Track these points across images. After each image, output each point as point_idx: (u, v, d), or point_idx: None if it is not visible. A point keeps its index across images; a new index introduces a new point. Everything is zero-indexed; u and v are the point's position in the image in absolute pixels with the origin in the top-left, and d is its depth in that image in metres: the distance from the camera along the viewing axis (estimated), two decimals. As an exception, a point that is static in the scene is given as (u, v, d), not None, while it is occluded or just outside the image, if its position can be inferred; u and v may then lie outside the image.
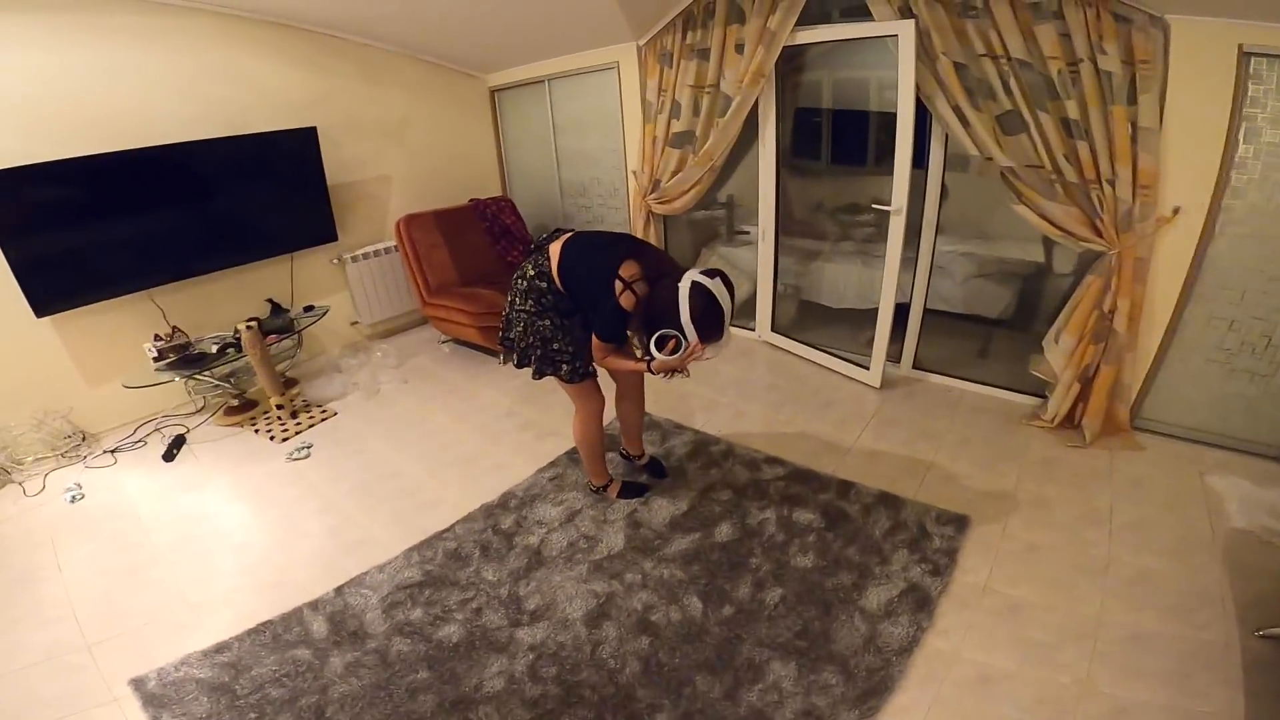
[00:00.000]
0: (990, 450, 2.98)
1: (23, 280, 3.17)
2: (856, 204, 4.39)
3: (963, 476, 2.78)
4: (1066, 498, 2.64)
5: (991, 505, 2.60)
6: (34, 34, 3.15)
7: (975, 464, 2.88)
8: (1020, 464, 2.87)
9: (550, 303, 2.31)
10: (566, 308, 2.33)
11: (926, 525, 2.48)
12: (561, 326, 2.33)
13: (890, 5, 2.91)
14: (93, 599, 2.43)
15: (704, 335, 2.04)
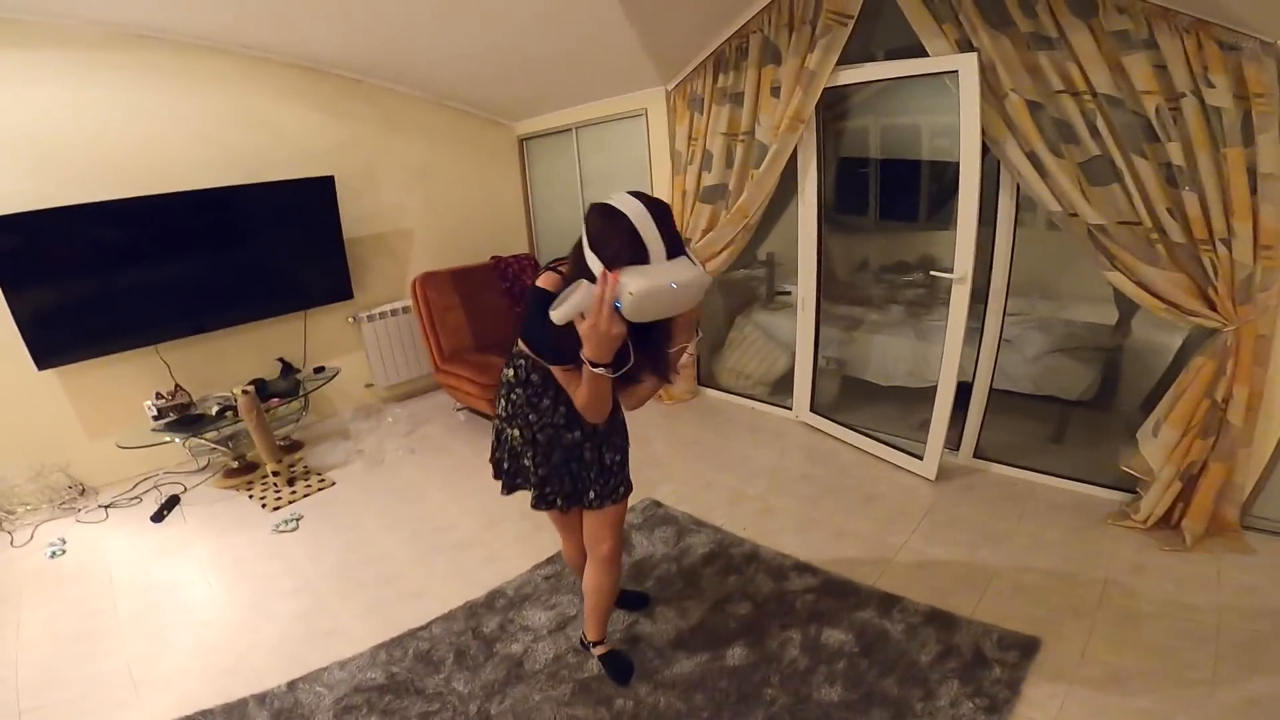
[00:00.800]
0: (1067, 555, 2.53)
1: (26, 331, 3.12)
2: (905, 262, 3.97)
3: (1033, 588, 2.36)
4: (1162, 612, 2.21)
5: (1068, 623, 2.18)
6: (51, 70, 3.17)
7: (1049, 573, 2.45)
8: (1105, 572, 2.42)
9: (520, 400, 1.74)
10: (545, 407, 1.75)
11: (985, 649, 2.07)
12: (533, 441, 1.77)
13: (946, 38, 2.56)
14: (37, 663, 2.33)
15: (611, 258, 1.29)
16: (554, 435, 1.74)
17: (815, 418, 3.68)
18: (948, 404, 2.93)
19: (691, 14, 3.12)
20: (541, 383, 1.69)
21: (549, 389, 1.69)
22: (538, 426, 1.73)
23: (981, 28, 2.44)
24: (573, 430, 1.75)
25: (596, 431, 1.76)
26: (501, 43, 3.45)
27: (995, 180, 2.72)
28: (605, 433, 1.79)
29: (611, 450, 1.82)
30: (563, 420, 1.73)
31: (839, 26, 2.81)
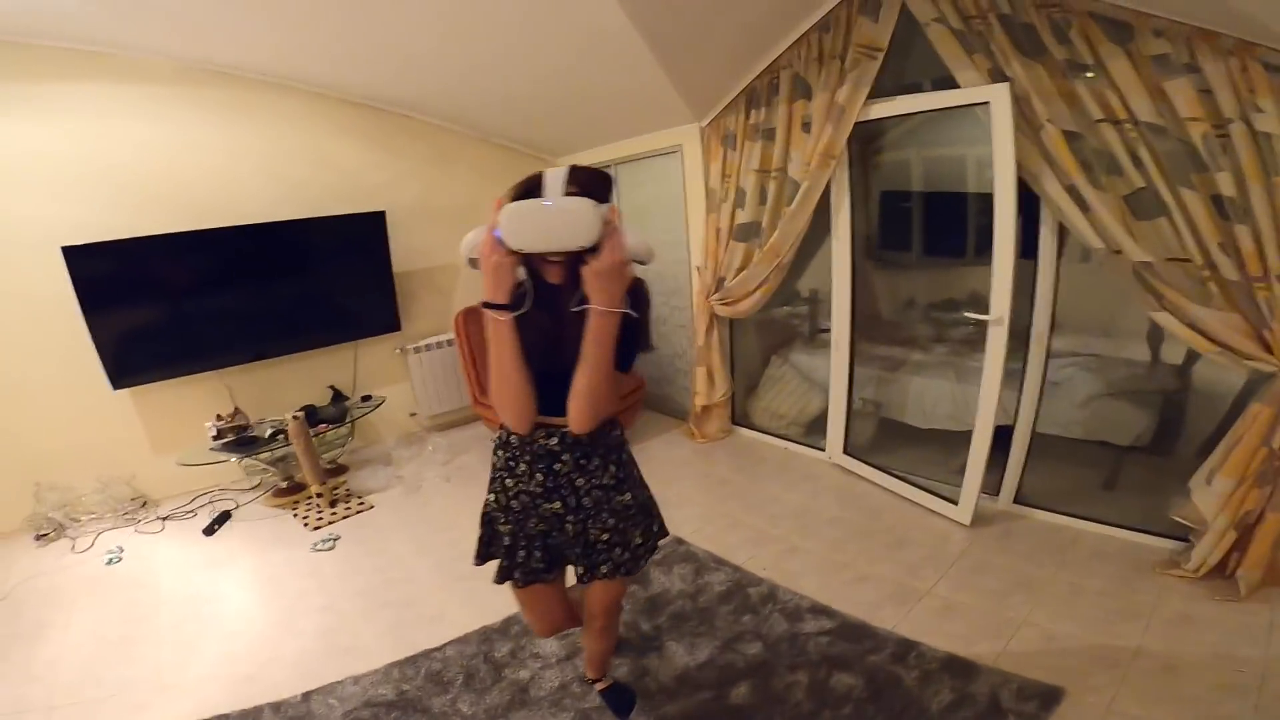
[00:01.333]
0: (1108, 604, 2.36)
1: (104, 353, 3.41)
2: (954, 300, 3.82)
3: (1065, 637, 2.23)
4: (1203, 663, 2.05)
5: (1097, 673, 2.05)
6: (133, 104, 3.49)
7: (1084, 621, 2.29)
8: (1147, 621, 2.26)
9: (499, 463, 1.62)
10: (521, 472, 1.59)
11: (1002, 699, 1.96)
12: (507, 508, 1.63)
13: (977, 69, 2.49)
14: (76, 664, 2.48)
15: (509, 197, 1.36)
16: (530, 503, 1.59)
17: (849, 459, 3.54)
18: (984, 448, 2.77)
19: (721, 52, 3.16)
20: (519, 445, 1.56)
21: (525, 453, 1.56)
22: (513, 492, 1.60)
23: (1014, 57, 2.37)
24: (552, 500, 1.57)
25: (581, 505, 1.57)
26: (541, 83, 3.59)
27: (1036, 212, 2.60)
28: (591, 508, 1.58)
29: (599, 527, 1.59)
30: (539, 489, 1.57)
31: (868, 60, 2.78)
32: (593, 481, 1.57)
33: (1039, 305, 2.67)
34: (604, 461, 1.57)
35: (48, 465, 3.55)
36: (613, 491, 1.58)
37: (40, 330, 3.43)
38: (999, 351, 2.62)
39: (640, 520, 1.65)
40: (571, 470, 1.55)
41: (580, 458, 1.55)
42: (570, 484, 1.56)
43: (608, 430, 1.58)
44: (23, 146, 3.28)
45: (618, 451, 1.61)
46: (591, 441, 1.54)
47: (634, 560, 1.64)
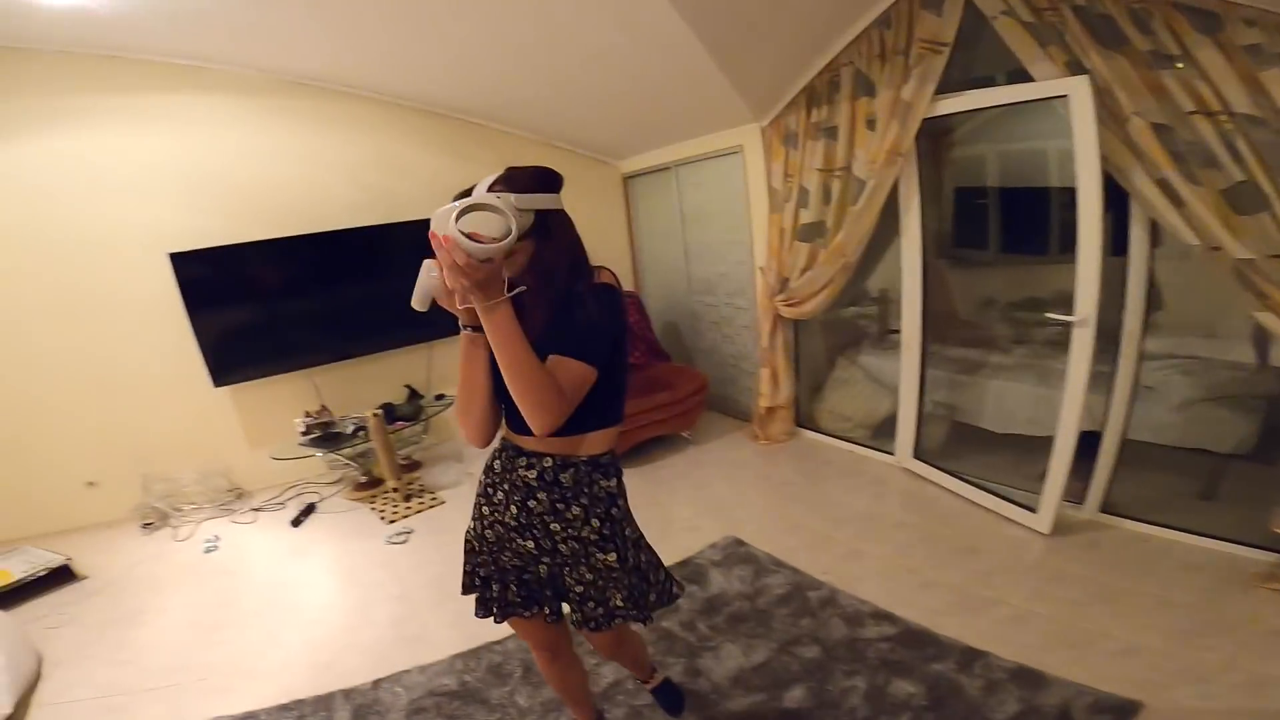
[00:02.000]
0: (1196, 617, 2.22)
1: (206, 353, 3.70)
2: (1037, 298, 3.62)
3: (1148, 650, 2.10)
4: None
5: (1180, 688, 1.93)
6: (230, 115, 3.78)
7: (1170, 634, 2.16)
8: (1238, 636, 2.11)
9: (479, 489, 1.53)
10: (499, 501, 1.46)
11: (1073, 711, 1.87)
12: (481, 536, 1.52)
13: (1053, 62, 2.36)
14: (168, 648, 2.66)
15: None
16: (504, 535, 1.46)
17: (918, 464, 3.42)
18: (1067, 455, 2.62)
19: (778, 51, 3.11)
20: (500, 471, 1.45)
21: (504, 481, 1.44)
22: (488, 521, 1.48)
23: (1092, 48, 2.24)
24: (525, 537, 1.44)
25: (556, 550, 1.43)
26: (601, 89, 3.65)
27: (1126, 208, 2.44)
28: (569, 556, 1.44)
29: (574, 577, 1.45)
30: (514, 522, 1.43)
31: (933, 55, 2.68)
32: (569, 531, 1.41)
33: (1130, 305, 2.51)
34: (585, 514, 1.41)
35: (155, 458, 3.87)
36: (594, 547, 1.42)
37: (150, 330, 3.75)
38: (1084, 354, 2.47)
39: (627, 584, 1.45)
40: (546, 512, 1.40)
41: (558, 501, 1.39)
42: (544, 526, 1.41)
43: (592, 478, 1.41)
44: (131, 156, 3.60)
45: (605, 505, 1.43)
46: (574, 485, 1.39)
47: (607, 619, 1.46)
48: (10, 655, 2.40)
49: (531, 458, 1.40)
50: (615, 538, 1.44)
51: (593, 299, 1.30)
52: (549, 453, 1.39)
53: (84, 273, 3.61)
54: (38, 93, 3.37)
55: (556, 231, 1.34)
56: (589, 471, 1.40)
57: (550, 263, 1.32)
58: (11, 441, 3.61)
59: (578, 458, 1.39)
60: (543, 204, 1.28)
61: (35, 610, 3.00)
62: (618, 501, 1.46)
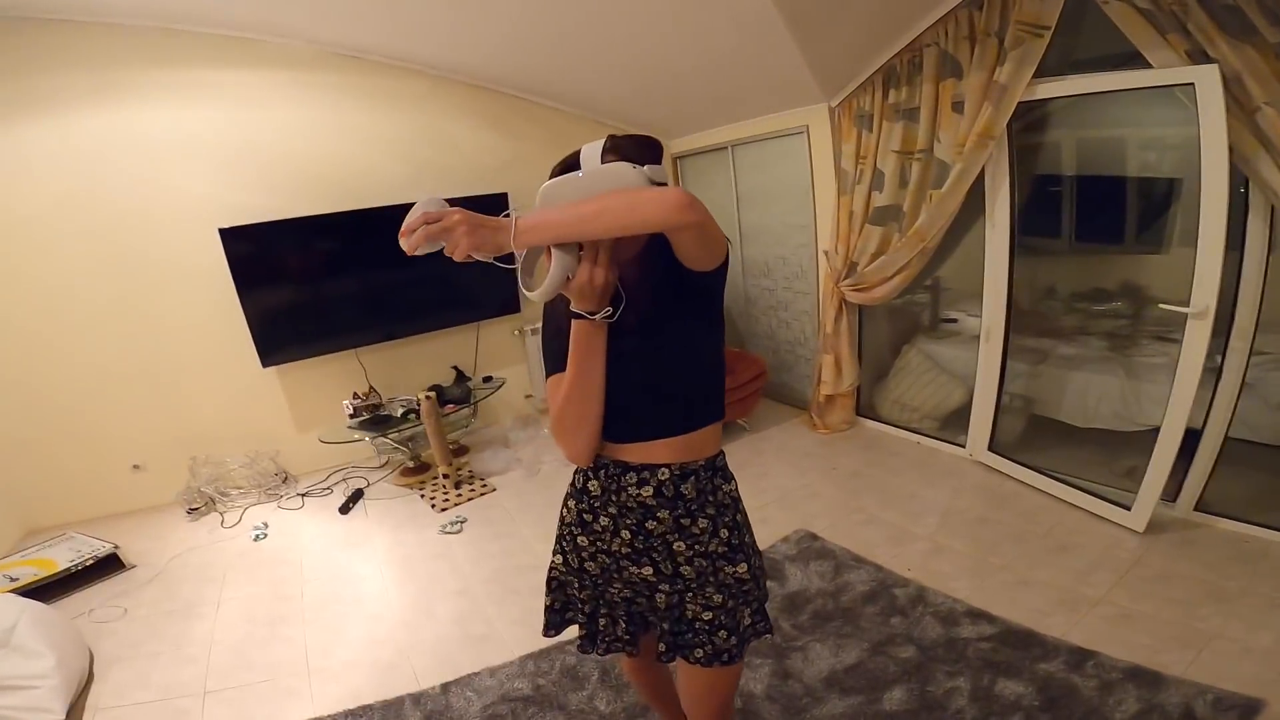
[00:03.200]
0: None
1: (254, 332, 3.61)
2: (1103, 289, 3.53)
3: (1264, 650, 2.03)
4: None
5: None
6: (278, 90, 3.68)
7: None
8: None
9: (570, 517, 1.33)
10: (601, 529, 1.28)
11: (1196, 710, 1.83)
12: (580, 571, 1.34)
13: (1174, 49, 2.24)
14: (230, 645, 2.56)
15: None
16: (612, 565, 1.28)
17: (994, 457, 3.32)
18: (1171, 452, 2.53)
19: (859, 29, 2.98)
20: (602, 495, 1.25)
21: (610, 505, 1.24)
22: (589, 553, 1.29)
23: (1219, 37, 2.12)
24: (641, 564, 1.25)
25: (679, 574, 1.25)
26: (666, 61, 3.52)
27: (1243, 199, 2.33)
28: (694, 579, 1.24)
29: (701, 603, 1.25)
30: (626, 549, 1.25)
31: (1033, 38, 2.56)
32: (696, 548, 1.22)
33: (1243, 299, 2.40)
34: (713, 525, 1.22)
35: (201, 441, 3.79)
36: (723, 561, 1.24)
37: (199, 308, 3.67)
38: (1199, 348, 2.37)
39: (756, 597, 1.29)
40: (670, 530, 1.21)
41: (681, 516, 1.21)
42: (666, 547, 1.23)
43: (714, 483, 1.24)
44: (184, 130, 3.51)
45: (732, 510, 1.26)
46: (697, 496, 1.21)
47: (740, 645, 1.27)
48: (61, 654, 2.27)
49: (643, 472, 1.20)
50: (743, 547, 1.26)
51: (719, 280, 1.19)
52: (663, 462, 1.19)
53: (134, 249, 3.51)
54: (95, 65, 3.27)
55: None
56: (710, 477, 1.23)
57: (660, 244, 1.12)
58: (58, 424, 3.53)
59: (696, 463, 1.21)
60: (662, 177, 1.10)
61: (84, 602, 2.90)
62: (740, 505, 1.29)
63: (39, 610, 2.42)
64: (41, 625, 2.32)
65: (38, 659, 2.20)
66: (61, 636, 2.37)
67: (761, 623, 1.31)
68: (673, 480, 1.19)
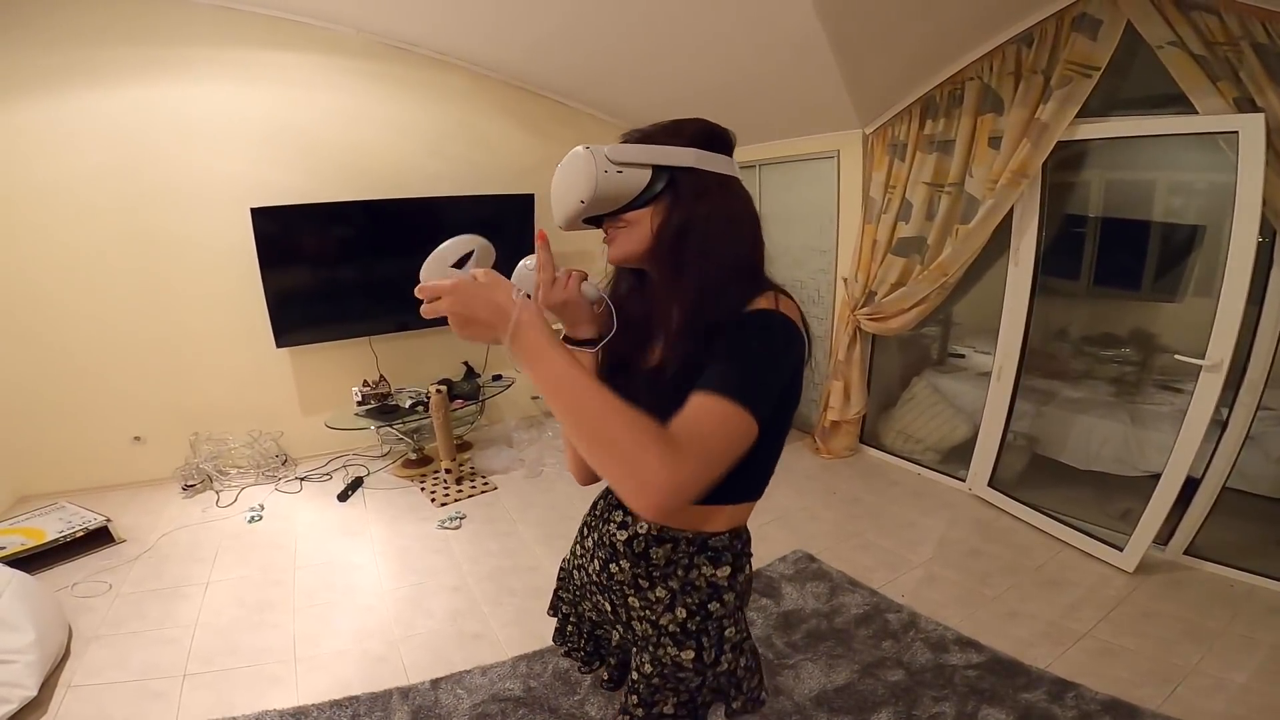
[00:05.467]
0: None
1: (272, 311, 3.60)
2: (1113, 335, 3.58)
3: (1237, 688, 2.13)
4: None
5: None
6: (320, 75, 3.70)
7: (1259, 673, 2.18)
8: None
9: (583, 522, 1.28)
10: None
11: None
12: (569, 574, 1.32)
13: (1223, 97, 2.27)
14: (215, 628, 2.51)
15: None
16: (586, 586, 1.20)
17: (993, 493, 3.35)
18: (1170, 498, 2.58)
19: (904, 58, 3.01)
20: (595, 517, 1.18)
21: (595, 530, 1.16)
22: (577, 563, 1.24)
23: (1269, 87, 2.16)
24: (604, 598, 1.15)
25: (630, 625, 1.11)
26: (705, 75, 3.52)
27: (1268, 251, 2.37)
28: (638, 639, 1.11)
29: (636, 666, 1.10)
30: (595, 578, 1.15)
31: (1081, 78, 2.59)
32: (647, 614, 1.07)
33: (1257, 353, 2.44)
34: (671, 600, 1.04)
35: (206, 417, 3.78)
36: (669, 639, 1.05)
37: (220, 284, 3.67)
38: (1209, 400, 2.40)
39: (691, 690, 1.07)
40: (626, 583, 1.08)
41: (640, 576, 1.06)
42: (622, 596, 1.10)
43: (694, 560, 1.03)
44: (223, 108, 3.53)
45: (702, 596, 1.04)
46: (666, 566, 1.03)
47: None
48: (40, 629, 2.18)
49: (628, 516, 1.08)
50: (702, 635, 1.05)
51: (758, 329, 0.89)
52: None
53: (165, 219, 3.51)
54: (148, 40, 3.29)
55: (699, 201, 0.94)
56: (692, 552, 1.03)
57: (684, 250, 0.93)
58: (61, 389, 3.50)
59: (681, 532, 1.02)
60: (666, 158, 0.93)
61: (69, 574, 2.83)
62: (722, 595, 1.05)
63: (24, 582, 2.34)
64: (25, 598, 2.25)
65: (18, 633, 2.12)
66: (44, 610, 2.28)
67: None
68: (647, 538, 1.04)
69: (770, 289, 0.93)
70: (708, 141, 0.97)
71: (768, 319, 0.89)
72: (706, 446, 0.78)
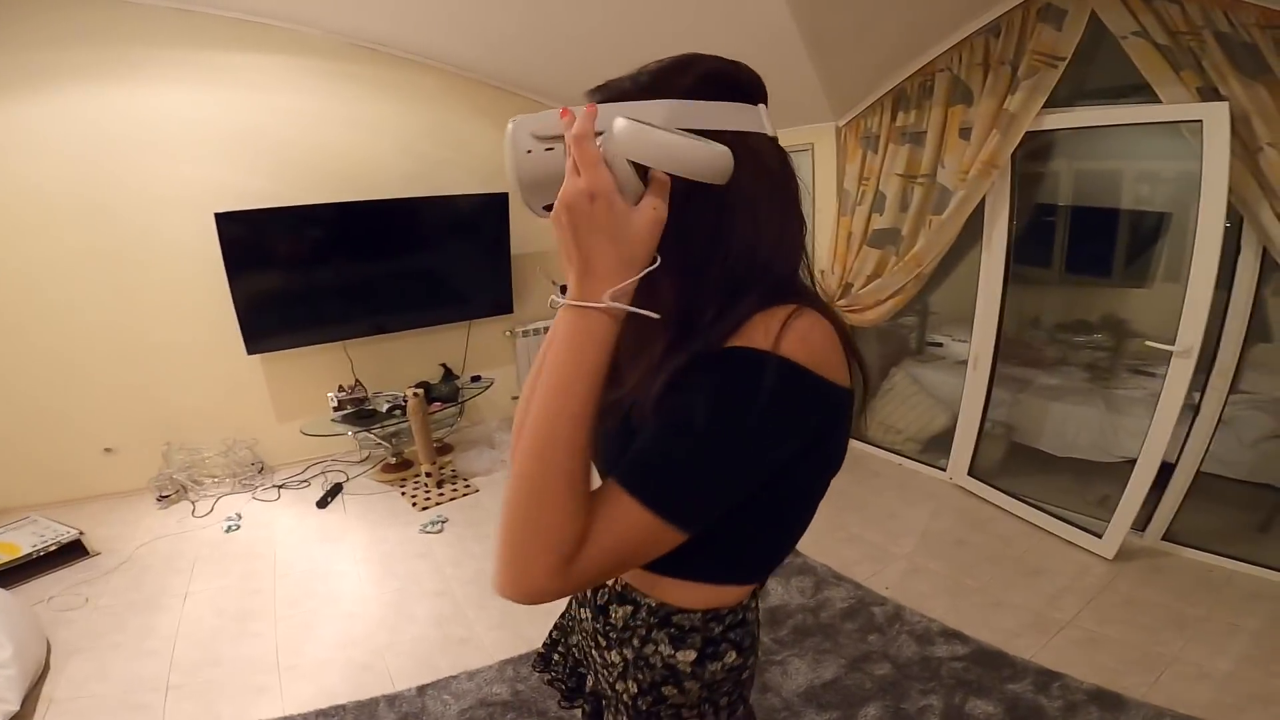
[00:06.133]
0: (1266, 644, 2.27)
1: (242, 317, 3.53)
2: (1085, 321, 3.63)
3: (1221, 675, 2.15)
4: None
5: (1254, 710, 1.99)
6: (290, 76, 3.64)
7: (1243, 659, 2.21)
8: None
9: None
10: None
11: None
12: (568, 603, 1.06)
13: (1186, 86, 2.30)
14: (196, 639, 2.48)
15: None
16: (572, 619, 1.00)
17: (973, 482, 3.38)
18: (1146, 484, 2.62)
19: (876, 51, 3.02)
20: None
21: None
22: None
23: (1232, 75, 2.18)
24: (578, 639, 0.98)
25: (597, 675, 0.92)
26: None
27: (1234, 236, 2.41)
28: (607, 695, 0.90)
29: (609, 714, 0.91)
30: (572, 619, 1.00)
31: (1047, 68, 2.61)
32: (604, 674, 0.88)
33: (1227, 338, 2.48)
34: (624, 670, 0.83)
35: (178, 426, 3.70)
36: (623, 710, 0.86)
37: (186, 292, 3.59)
38: (1181, 385, 2.44)
39: None
40: (587, 638, 0.91)
41: (599, 632, 0.86)
42: (590, 644, 0.91)
43: (652, 635, 0.80)
44: (185, 112, 3.44)
45: (654, 675, 0.80)
46: (623, 630, 0.82)
47: None
48: (19, 643, 2.16)
49: None
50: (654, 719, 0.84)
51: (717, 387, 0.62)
52: None
53: (124, 228, 3.42)
54: (100, 43, 3.20)
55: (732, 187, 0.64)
56: (651, 624, 0.80)
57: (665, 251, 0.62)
58: (28, 400, 3.41)
59: (645, 597, 0.80)
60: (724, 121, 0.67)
61: (44, 589, 2.78)
62: (682, 683, 0.80)
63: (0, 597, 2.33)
64: (2, 612, 2.24)
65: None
66: (20, 624, 2.27)
67: None
68: (609, 592, 0.84)
69: (787, 301, 0.64)
70: (708, 88, 0.68)
71: (744, 367, 0.61)
72: (603, 548, 0.59)
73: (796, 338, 0.61)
